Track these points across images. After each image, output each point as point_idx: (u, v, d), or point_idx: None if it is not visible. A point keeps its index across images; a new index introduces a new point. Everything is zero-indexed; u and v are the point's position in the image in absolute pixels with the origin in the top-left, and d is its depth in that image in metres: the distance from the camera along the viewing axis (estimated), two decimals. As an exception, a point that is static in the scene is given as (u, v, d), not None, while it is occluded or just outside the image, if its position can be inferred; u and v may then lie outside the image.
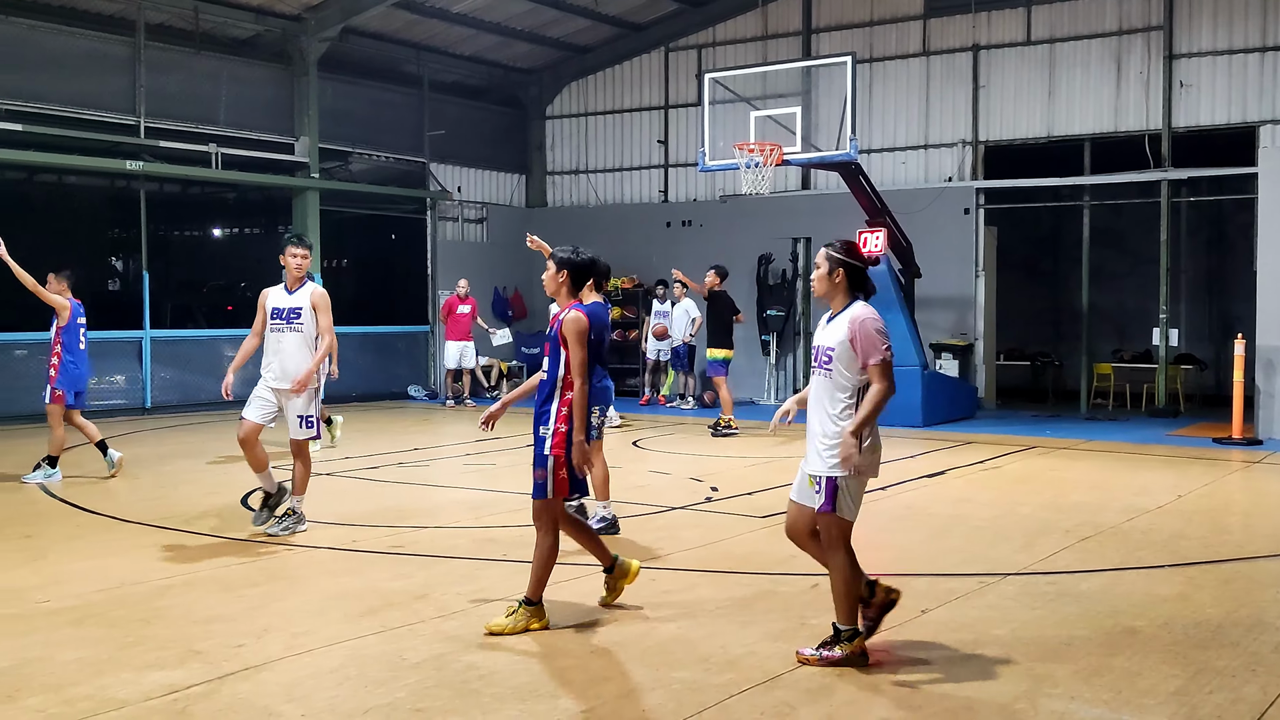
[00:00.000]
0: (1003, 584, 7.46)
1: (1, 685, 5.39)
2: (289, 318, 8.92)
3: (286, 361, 8.87)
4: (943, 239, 19.09)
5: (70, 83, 17.10)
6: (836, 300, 6.04)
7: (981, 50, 19.56)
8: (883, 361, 5.78)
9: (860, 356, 5.80)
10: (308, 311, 8.93)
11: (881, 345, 5.82)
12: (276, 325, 8.93)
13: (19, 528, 9.23)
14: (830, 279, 6.08)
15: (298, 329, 8.91)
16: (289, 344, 8.90)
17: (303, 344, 8.92)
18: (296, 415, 8.92)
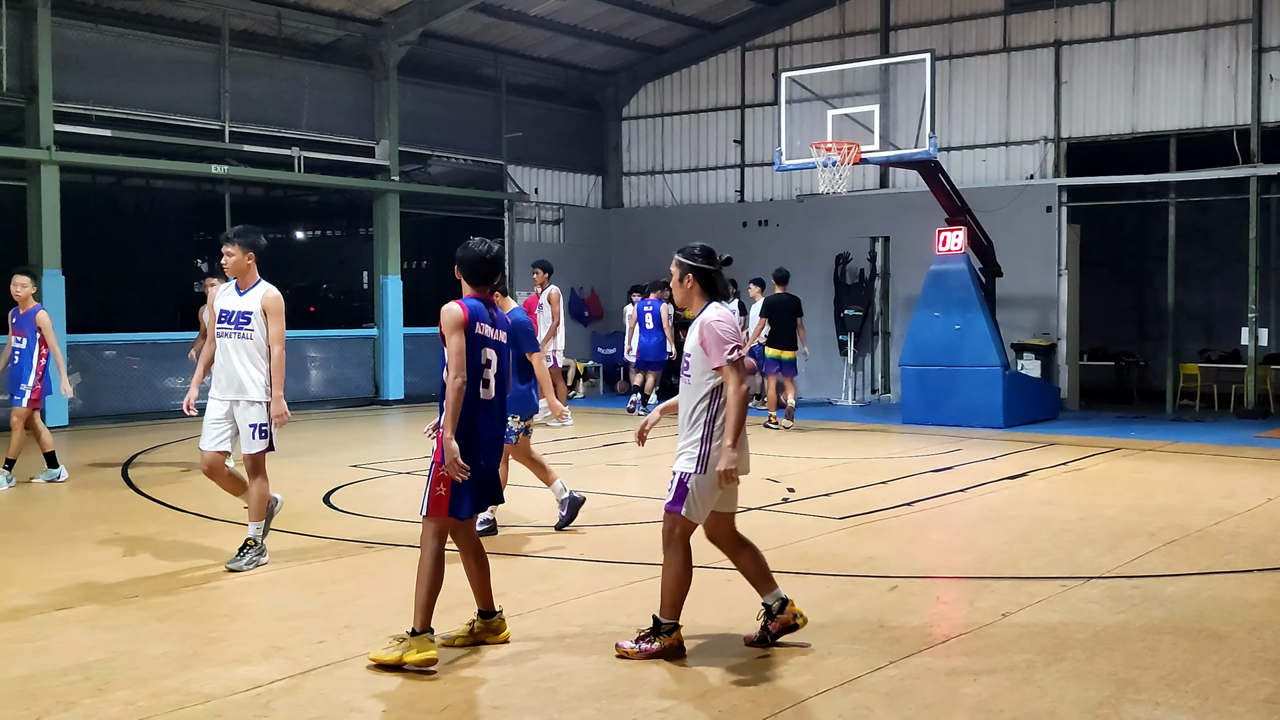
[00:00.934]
0: (1086, 587, 7.33)
1: (91, 678, 5.52)
2: (237, 322, 7.86)
3: (235, 372, 7.85)
4: (1024, 237, 18.83)
5: (157, 89, 17.47)
6: (694, 306, 6.07)
7: (1064, 46, 19.26)
8: (729, 361, 5.79)
9: (710, 358, 5.83)
10: (257, 317, 7.85)
11: (728, 346, 5.81)
12: (224, 330, 7.90)
13: (108, 525, 9.44)
14: (682, 285, 6.09)
15: (246, 335, 7.84)
16: (236, 353, 7.86)
17: (254, 353, 7.86)
18: (249, 425, 7.87)
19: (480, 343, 5.80)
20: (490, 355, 5.85)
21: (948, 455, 13.34)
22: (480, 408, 5.82)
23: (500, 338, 5.91)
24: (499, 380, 5.90)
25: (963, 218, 16.71)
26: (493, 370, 5.86)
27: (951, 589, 7.59)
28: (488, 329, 5.85)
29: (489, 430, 5.90)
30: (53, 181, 15.98)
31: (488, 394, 5.85)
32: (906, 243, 19.73)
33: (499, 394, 5.92)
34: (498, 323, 5.93)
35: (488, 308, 5.92)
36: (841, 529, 9.11)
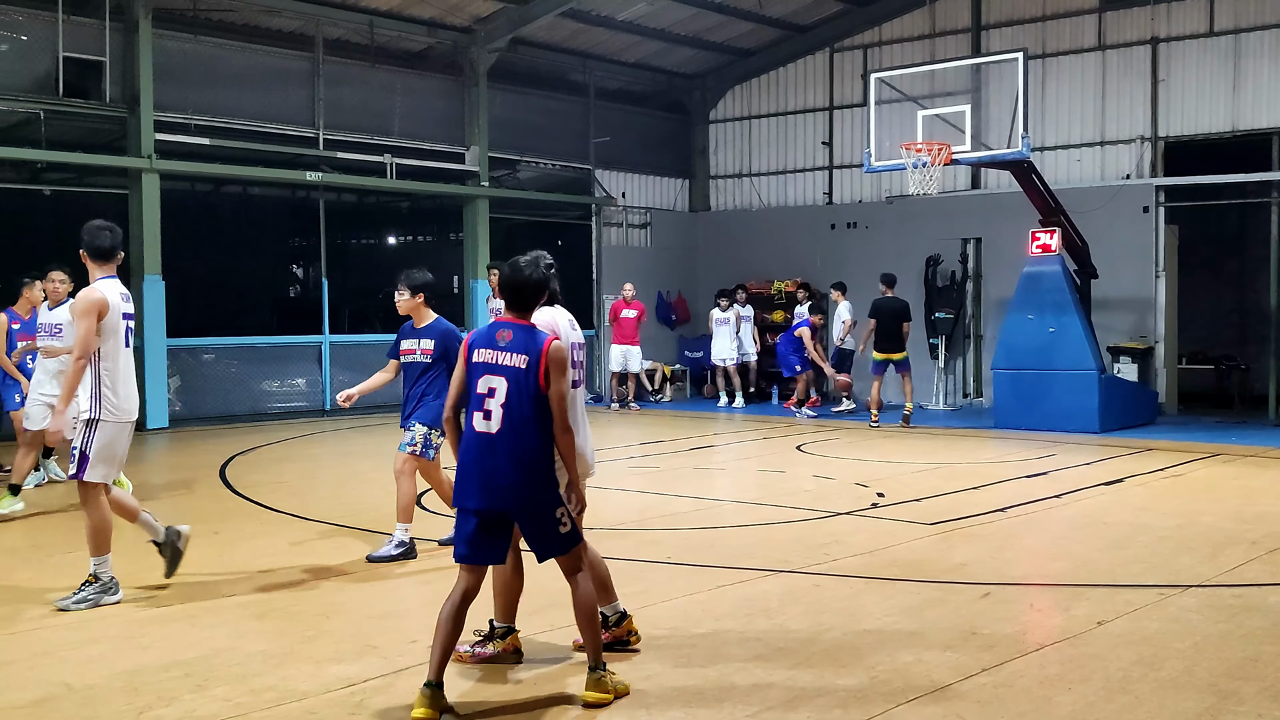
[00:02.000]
0: (1184, 596, 7.17)
1: (192, 675, 5.65)
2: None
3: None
4: (1120, 238, 18.47)
5: (254, 98, 17.84)
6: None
7: (1161, 43, 18.85)
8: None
9: None
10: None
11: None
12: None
13: (208, 524, 9.65)
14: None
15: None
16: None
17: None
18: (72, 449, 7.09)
19: (481, 370, 5.28)
20: (494, 383, 5.24)
21: (1041, 460, 13.13)
22: (477, 441, 5.26)
23: (511, 363, 5.23)
24: (507, 411, 5.19)
25: (1057, 219, 16.44)
26: (496, 399, 5.22)
27: (1045, 596, 7.47)
28: (493, 354, 5.27)
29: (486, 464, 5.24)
30: (153, 189, 16.39)
31: (486, 425, 5.23)
32: (999, 244, 19.46)
33: (504, 428, 5.20)
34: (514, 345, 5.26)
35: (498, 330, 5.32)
36: (932, 535, 9.01)
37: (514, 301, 5.38)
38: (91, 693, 5.41)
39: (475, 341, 5.34)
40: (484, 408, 5.22)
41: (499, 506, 5.22)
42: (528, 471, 5.19)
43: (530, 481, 5.20)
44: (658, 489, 11.35)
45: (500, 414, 5.20)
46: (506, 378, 5.21)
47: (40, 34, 15.63)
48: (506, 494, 5.19)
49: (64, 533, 9.26)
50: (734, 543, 8.96)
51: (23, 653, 6.04)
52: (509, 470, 5.18)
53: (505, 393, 5.20)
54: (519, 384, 5.20)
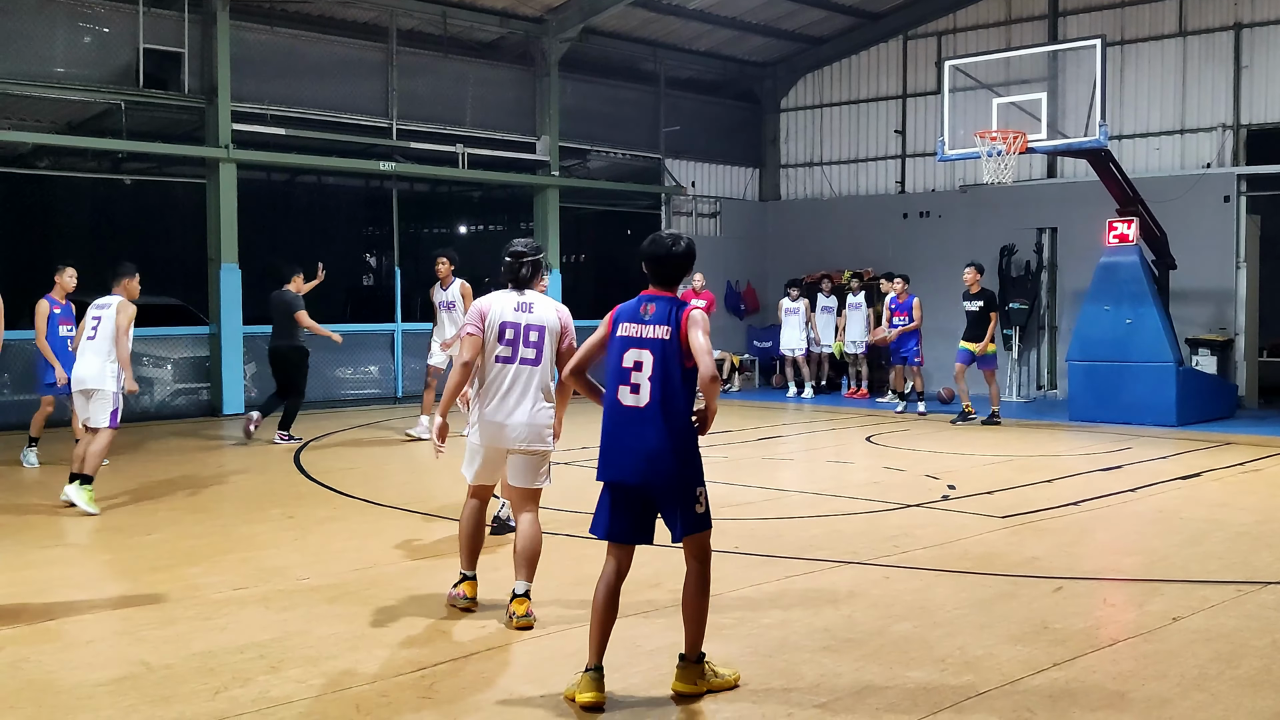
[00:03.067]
0: (1263, 593, 7.03)
1: (266, 656, 5.75)
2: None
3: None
4: (1200, 228, 18.11)
5: (329, 88, 18.04)
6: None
7: (1244, 29, 18.44)
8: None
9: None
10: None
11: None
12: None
13: (282, 509, 9.81)
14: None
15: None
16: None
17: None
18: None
19: (625, 344, 5.29)
20: (639, 356, 5.25)
21: (1116, 454, 12.93)
22: (623, 415, 5.28)
23: (653, 335, 5.23)
24: (654, 385, 5.20)
25: (1134, 208, 16.16)
26: (643, 373, 5.23)
27: (1119, 591, 7.37)
28: (636, 328, 5.29)
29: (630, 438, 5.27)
30: (231, 179, 16.64)
31: (634, 399, 5.25)
32: (1075, 234, 19.17)
33: (652, 401, 5.20)
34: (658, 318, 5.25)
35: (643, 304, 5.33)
36: (1004, 528, 8.92)
37: (657, 275, 5.39)
38: (169, 672, 5.53)
39: (620, 315, 5.37)
40: (630, 381, 5.23)
41: (644, 481, 5.22)
42: (674, 445, 5.19)
43: (676, 456, 5.20)
44: (726, 479, 11.32)
45: (648, 387, 5.20)
46: (652, 350, 5.21)
47: (121, 26, 15.93)
48: (652, 468, 5.19)
49: (141, 515, 9.45)
50: (802, 534, 8.93)
51: (102, 632, 6.19)
52: (656, 444, 5.17)
53: (652, 366, 5.20)
54: (664, 355, 5.19)
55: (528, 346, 6.41)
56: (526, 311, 6.48)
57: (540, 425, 6.47)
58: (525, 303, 6.50)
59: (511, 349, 6.40)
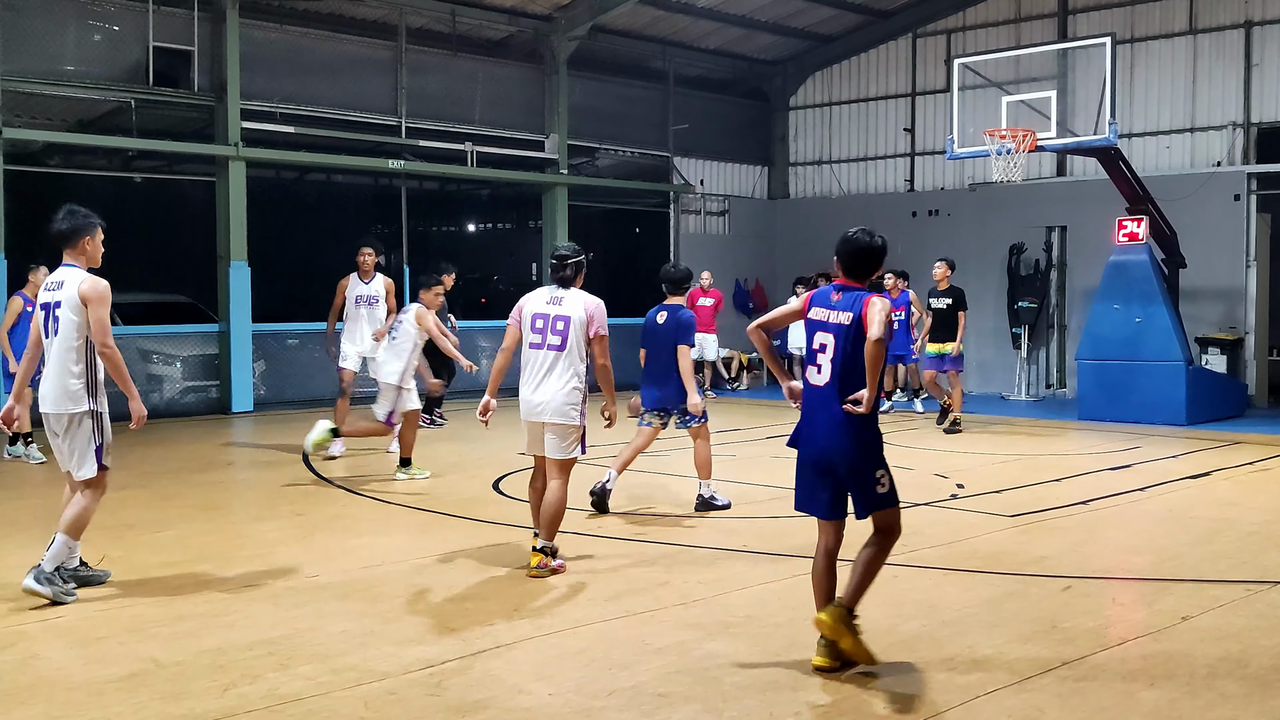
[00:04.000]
0: (1273, 592, 7.02)
1: (276, 653, 5.76)
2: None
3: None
4: (1210, 227, 18.07)
5: (338, 86, 18.06)
6: None
7: (1255, 26, 18.39)
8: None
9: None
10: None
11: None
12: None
13: (291, 506, 9.83)
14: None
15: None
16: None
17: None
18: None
19: (814, 328, 5.73)
20: (825, 339, 5.67)
21: (1126, 453, 12.91)
22: (812, 394, 5.72)
23: (837, 320, 5.63)
24: (835, 366, 5.61)
25: (1144, 206, 16.12)
26: (826, 355, 5.65)
27: (1128, 590, 7.35)
28: (825, 313, 5.70)
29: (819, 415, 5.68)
30: (240, 176, 16.67)
31: (819, 379, 5.68)
32: (1084, 232, 19.14)
33: (833, 380, 5.62)
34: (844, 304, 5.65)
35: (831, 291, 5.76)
36: (1013, 527, 8.91)
37: (849, 268, 5.79)
38: (179, 669, 5.54)
39: (814, 300, 5.80)
40: (816, 362, 5.69)
41: (824, 456, 5.63)
42: (851, 426, 5.56)
43: (854, 436, 5.56)
44: (734, 477, 11.33)
45: (829, 369, 5.62)
46: (835, 335, 5.63)
47: (131, 24, 15.96)
48: (832, 444, 5.60)
49: (151, 512, 9.47)
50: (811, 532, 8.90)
51: (113, 629, 6.21)
52: (835, 422, 5.58)
53: (833, 349, 5.62)
54: (844, 340, 5.58)
55: (554, 334, 7.43)
56: (556, 305, 7.49)
57: (565, 402, 7.40)
58: (557, 297, 7.49)
59: (541, 336, 7.46)
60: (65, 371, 6.76)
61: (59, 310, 6.79)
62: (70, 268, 6.92)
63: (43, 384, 6.88)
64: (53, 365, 6.81)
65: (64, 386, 6.76)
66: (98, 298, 6.78)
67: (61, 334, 6.78)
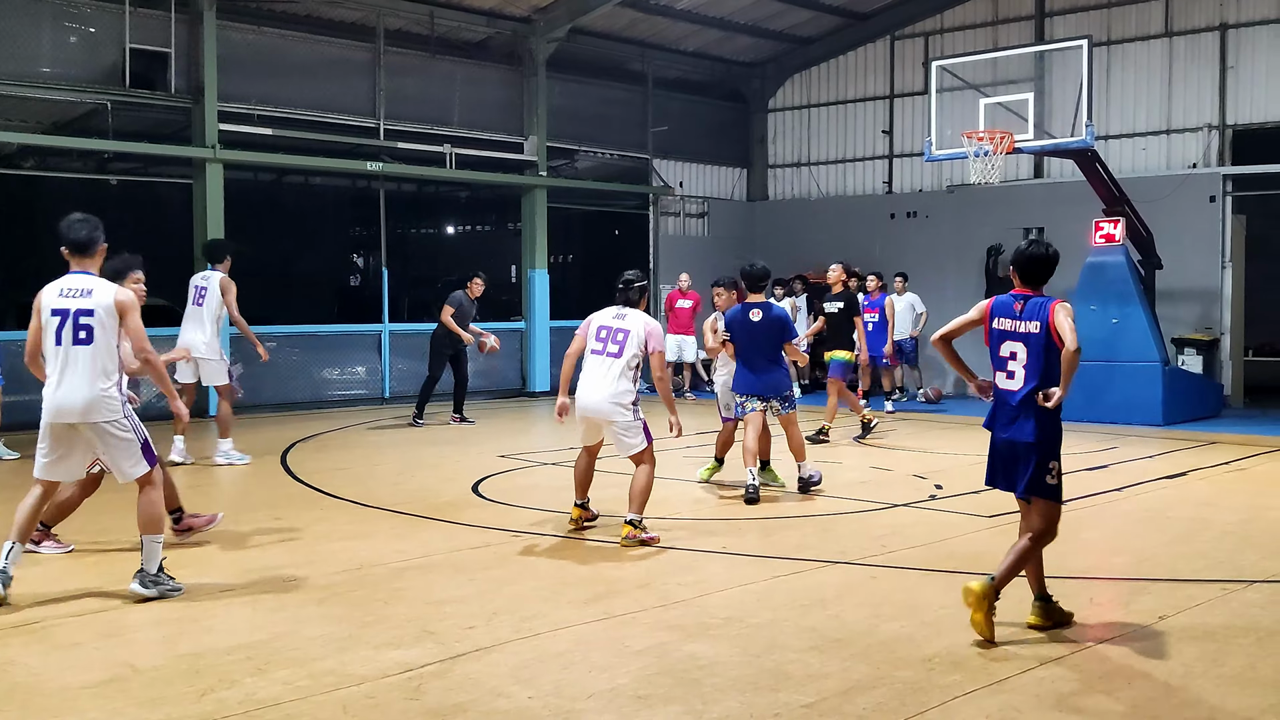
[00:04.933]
0: (1249, 591, 7.07)
1: (254, 658, 5.74)
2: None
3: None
4: (1186, 228, 18.18)
5: (316, 88, 18.00)
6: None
7: (1230, 29, 18.52)
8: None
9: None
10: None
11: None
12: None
13: (269, 510, 9.79)
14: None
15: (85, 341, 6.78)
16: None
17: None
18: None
19: (1001, 337, 6.25)
20: (1014, 347, 6.21)
21: (1103, 453, 12.97)
22: (1001, 396, 6.31)
23: (1026, 330, 6.17)
24: (1028, 371, 6.15)
25: (1121, 208, 16.22)
26: (1018, 362, 6.19)
27: (1106, 590, 7.39)
28: (1010, 323, 6.23)
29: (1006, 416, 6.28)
30: (217, 179, 16.59)
31: (1009, 384, 6.24)
32: (1062, 234, 19.12)
33: (1025, 385, 6.17)
34: (1027, 314, 6.17)
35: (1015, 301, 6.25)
36: (991, 527, 8.94)
37: (1028, 276, 6.29)
38: (156, 674, 5.51)
39: (996, 310, 6.32)
40: (1007, 369, 6.25)
41: (1011, 448, 6.27)
42: (1039, 423, 6.17)
43: (1040, 431, 6.18)
44: (714, 478, 11.34)
45: (1022, 375, 6.18)
46: (1025, 343, 6.16)
47: (107, 26, 15.87)
48: (1018, 435, 6.21)
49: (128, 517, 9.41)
50: (790, 533, 8.94)
51: (89, 634, 6.17)
52: (1025, 420, 6.17)
53: (1026, 356, 6.16)
54: (1036, 348, 6.12)
55: (614, 344, 8.58)
56: (620, 320, 8.69)
57: (615, 402, 8.45)
58: (621, 314, 8.70)
59: (602, 345, 8.63)
60: (100, 378, 6.70)
61: (89, 318, 6.70)
62: (87, 275, 6.87)
63: (64, 393, 6.71)
64: (83, 374, 6.69)
65: (98, 395, 6.69)
66: (133, 305, 6.85)
67: (97, 342, 6.72)
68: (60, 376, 6.73)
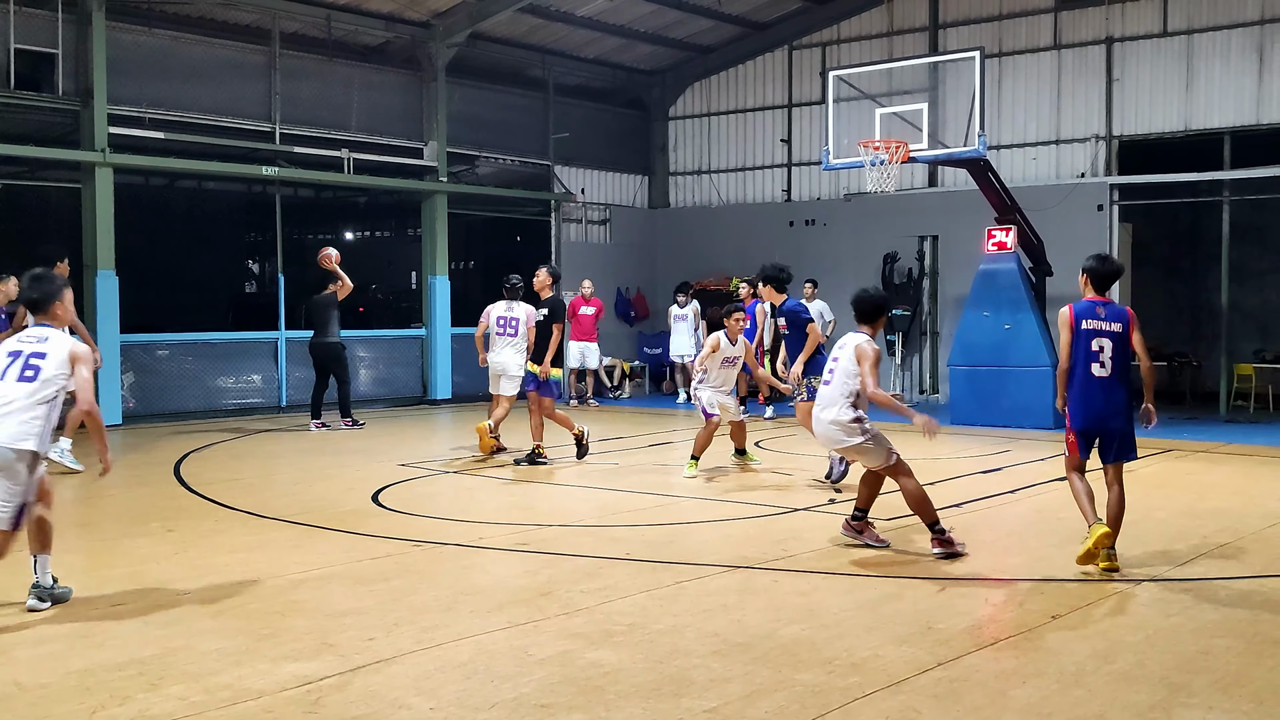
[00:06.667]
0: (1137, 590, 7.26)
1: (146, 673, 5.60)
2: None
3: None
4: (1075, 236, 18.59)
5: (209, 91, 17.65)
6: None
7: (1115, 43, 19.06)
8: None
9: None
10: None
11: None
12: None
13: (162, 521, 9.57)
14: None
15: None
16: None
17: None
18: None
19: (1091, 335, 7.82)
20: (1102, 342, 7.80)
21: (997, 456, 13.25)
22: (1095, 383, 7.79)
23: (1110, 329, 7.86)
24: (1114, 361, 7.81)
25: (1012, 216, 16.57)
26: (1106, 354, 7.79)
27: (1000, 591, 7.54)
28: (1096, 323, 7.87)
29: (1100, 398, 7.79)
30: (107, 183, 16.20)
31: (1102, 372, 7.79)
32: (955, 242, 19.62)
33: (1114, 373, 7.81)
34: (1109, 316, 7.91)
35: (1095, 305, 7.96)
36: (889, 530, 9.06)
37: (1102, 285, 8.14)
38: (44, 692, 5.35)
39: (1079, 314, 7.92)
40: (1099, 360, 7.81)
41: (1104, 425, 7.84)
42: (1125, 402, 7.88)
43: (1127, 409, 7.91)
44: (618, 486, 11.35)
45: (1110, 364, 7.80)
46: (1111, 339, 7.83)
47: (-9, 25, 15.43)
48: (1114, 417, 7.84)
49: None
50: (693, 539, 8.99)
51: (-27, 652, 5.97)
52: (1117, 401, 7.83)
53: (1111, 349, 7.81)
54: (1119, 342, 7.83)
55: (510, 328, 12.88)
56: (510, 310, 12.90)
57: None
58: (510, 305, 12.80)
59: (502, 329, 12.94)
60: (30, 415, 6.61)
61: (40, 361, 6.72)
62: (47, 327, 6.93)
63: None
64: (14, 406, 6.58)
65: (22, 425, 6.57)
66: (85, 358, 6.85)
67: (40, 384, 6.66)
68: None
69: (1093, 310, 7.91)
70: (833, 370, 8.40)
